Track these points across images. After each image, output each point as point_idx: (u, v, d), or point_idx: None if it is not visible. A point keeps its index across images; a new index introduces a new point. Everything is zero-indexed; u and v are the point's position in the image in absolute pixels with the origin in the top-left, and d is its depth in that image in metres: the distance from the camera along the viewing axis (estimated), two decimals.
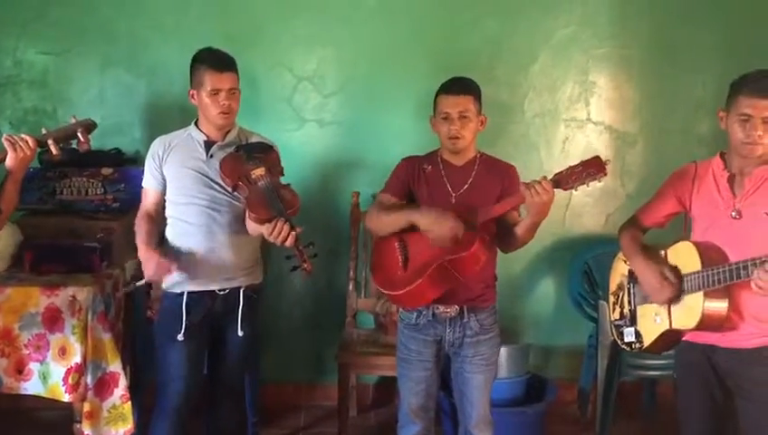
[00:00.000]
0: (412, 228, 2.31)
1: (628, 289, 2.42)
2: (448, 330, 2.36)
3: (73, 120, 2.25)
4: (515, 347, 3.26)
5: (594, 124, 3.58)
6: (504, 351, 3.16)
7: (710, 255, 2.10)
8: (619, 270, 2.49)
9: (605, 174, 2.09)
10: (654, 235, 2.43)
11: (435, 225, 2.22)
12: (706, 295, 2.07)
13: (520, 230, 2.25)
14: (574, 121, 3.57)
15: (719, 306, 2.08)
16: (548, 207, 2.14)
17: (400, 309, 2.47)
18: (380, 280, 2.38)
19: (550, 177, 2.12)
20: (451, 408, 2.94)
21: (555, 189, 2.11)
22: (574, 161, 2.16)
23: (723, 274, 2.00)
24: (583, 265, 3.50)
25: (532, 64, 3.52)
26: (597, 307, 3.29)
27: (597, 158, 2.10)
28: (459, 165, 2.39)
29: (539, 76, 3.53)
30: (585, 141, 3.55)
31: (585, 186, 2.11)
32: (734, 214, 2.13)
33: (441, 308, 2.34)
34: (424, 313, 2.36)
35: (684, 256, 2.17)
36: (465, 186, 2.35)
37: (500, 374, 3.10)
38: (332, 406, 3.24)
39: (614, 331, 2.50)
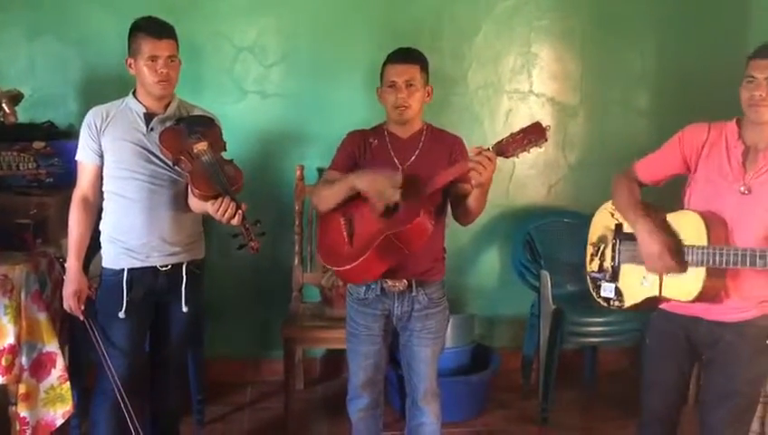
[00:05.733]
0: (356, 202, 2.28)
1: (614, 244, 2.35)
2: (397, 304, 2.36)
3: None
4: (461, 317, 3.31)
5: (536, 96, 3.62)
6: (449, 321, 3.20)
7: (717, 231, 2.06)
8: (603, 222, 2.41)
9: (545, 139, 2.09)
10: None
11: (374, 182, 2.20)
12: (708, 272, 2.05)
13: (471, 201, 2.25)
14: (517, 93, 3.60)
15: (718, 283, 2.07)
16: (492, 175, 2.14)
17: (349, 284, 2.46)
18: (327, 256, 2.35)
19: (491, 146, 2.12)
20: (398, 380, 2.97)
21: (498, 157, 2.11)
22: None
23: (734, 257, 1.98)
24: (526, 235, 3.56)
25: (475, 36, 3.52)
26: (539, 277, 3.36)
27: (537, 124, 2.10)
28: (405, 137, 2.38)
29: (482, 48, 3.54)
30: (528, 113, 3.58)
31: (526, 152, 2.11)
32: (743, 189, 2.08)
33: (390, 282, 2.33)
34: (372, 287, 2.35)
35: (689, 228, 2.11)
36: (413, 157, 2.33)
37: (446, 344, 3.14)
38: (279, 381, 3.22)
39: (590, 283, 2.44)
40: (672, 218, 2.19)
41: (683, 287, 2.12)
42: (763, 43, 2.10)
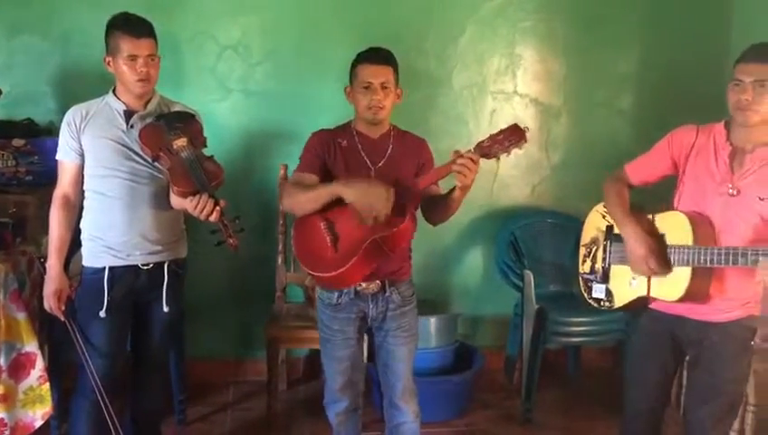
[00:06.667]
0: (335, 206, 2.22)
1: (605, 246, 2.37)
2: (371, 305, 2.35)
3: None
4: (444, 317, 3.31)
5: (520, 97, 3.63)
6: (433, 321, 3.21)
7: (702, 230, 2.08)
8: (595, 223, 2.43)
9: (525, 141, 2.09)
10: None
11: (365, 195, 2.11)
12: (694, 272, 2.07)
13: (452, 202, 2.23)
14: (501, 94, 3.61)
15: (704, 284, 2.08)
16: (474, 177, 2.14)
17: (319, 289, 2.42)
18: (309, 263, 2.26)
19: (472, 147, 2.12)
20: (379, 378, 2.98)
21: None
22: None
23: (718, 255, 1.99)
24: (509, 235, 3.57)
25: (460, 36, 3.53)
26: (522, 277, 3.37)
27: (515, 126, 2.10)
28: (375, 137, 2.35)
29: (467, 48, 3.54)
30: (512, 114, 3.60)
31: (507, 154, 2.11)
32: (731, 190, 2.09)
33: (363, 285, 2.31)
34: (346, 291, 2.32)
35: (675, 228, 2.13)
36: (384, 159, 2.31)
37: (429, 344, 3.16)
38: (262, 381, 3.21)
39: (582, 284, 2.45)
40: (660, 219, 2.21)
41: (669, 287, 2.14)
42: (750, 47, 2.09)
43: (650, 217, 2.24)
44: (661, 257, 2.13)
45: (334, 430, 2.50)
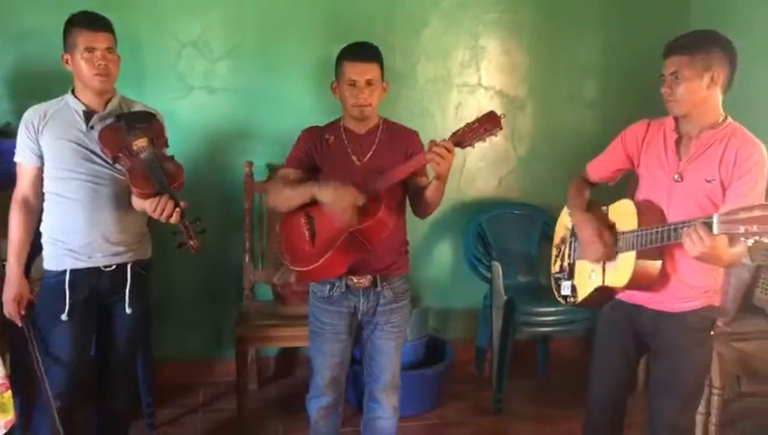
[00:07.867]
0: (317, 202, 2.26)
1: (570, 243, 2.41)
2: (362, 300, 2.35)
3: None
4: (414, 311, 3.30)
5: (485, 89, 3.64)
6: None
7: (648, 215, 2.11)
8: (563, 223, 2.47)
9: (501, 128, 2.11)
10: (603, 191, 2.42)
11: (335, 198, 2.17)
12: (639, 255, 2.09)
13: (429, 192, 2.25)
14: (466, 87, 3.62)
15: (651, 266, 2.09)
16: (451, 165, 2.15)
17: (311, 282, 2.42)
18: (290, 257, 2.30)
19: (447, 137, 2.13)
20: (354, 376, 2.96)
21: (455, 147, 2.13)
22: None
23: (654, 235, 2.01)
24: (477, 227, 3.58)
25: (423, 30, 3.52)
26: (491, 268, 3.38)
27: (492, 113, 2.12)
28: (362, 133, 2.36)
29: (431, 42, 3.54)
30: (477, 106, 3.60)
31: (482, 141, 2.13)
32: (676, 177, 2.12)
33: (355, 279, 2.32)
34: (337, 285, 2.33)
35: (623, 214, 2.17)
36: (369, 153, 2.32)
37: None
38: (233, 382, 3.16)
39: (552, 283, 2.49)
40: (612, 209, 2.27)
41: (618, 273, 2.16)
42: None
43: (605, 208, 2.30)
44: (608, 240, 2.16)
45: (312, 424, 2.49)
